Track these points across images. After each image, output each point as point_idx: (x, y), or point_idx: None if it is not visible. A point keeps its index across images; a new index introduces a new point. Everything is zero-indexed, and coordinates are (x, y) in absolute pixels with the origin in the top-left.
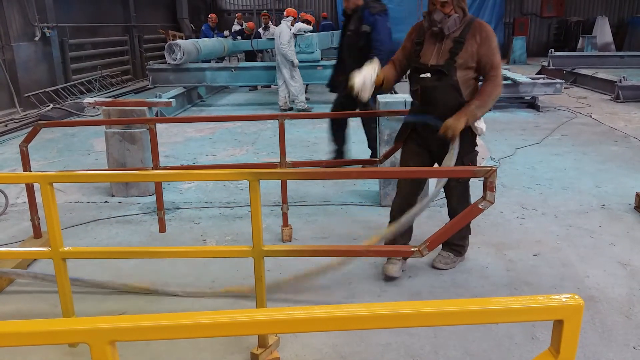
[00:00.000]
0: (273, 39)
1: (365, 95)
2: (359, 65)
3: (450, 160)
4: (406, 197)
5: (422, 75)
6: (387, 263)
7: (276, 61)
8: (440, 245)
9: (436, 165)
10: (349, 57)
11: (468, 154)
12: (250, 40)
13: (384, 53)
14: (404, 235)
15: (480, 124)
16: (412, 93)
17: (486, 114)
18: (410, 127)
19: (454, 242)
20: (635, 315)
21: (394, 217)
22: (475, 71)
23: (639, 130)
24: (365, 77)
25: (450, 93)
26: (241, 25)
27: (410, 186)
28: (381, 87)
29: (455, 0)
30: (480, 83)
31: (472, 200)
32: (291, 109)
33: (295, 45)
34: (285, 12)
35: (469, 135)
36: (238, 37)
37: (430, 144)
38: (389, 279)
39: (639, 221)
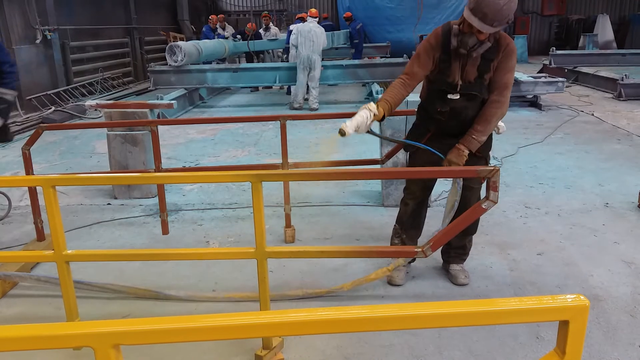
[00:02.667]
0: (274, 39)
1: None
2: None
3: (454, 196)
4: (421, 203)
5: (450, 97)
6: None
7: (306, 62)
8: (446, 261)
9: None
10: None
11: (488, 151)
12: (247, 42)
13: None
14: (413, 238)
15: (501, 123)
16: (438, 113)
17: None
18: (428, 132)
19: (462, 246)
20: None
21: (403, 225)
22: None
23: None
24: (359, 124)
25: (477, 110)
26: (223, 28)
27: (422, 190)
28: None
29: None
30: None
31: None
32: (316, 109)
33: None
34: (310, 13)
35: (490, 136)
36: (237, 36)
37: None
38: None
39: None
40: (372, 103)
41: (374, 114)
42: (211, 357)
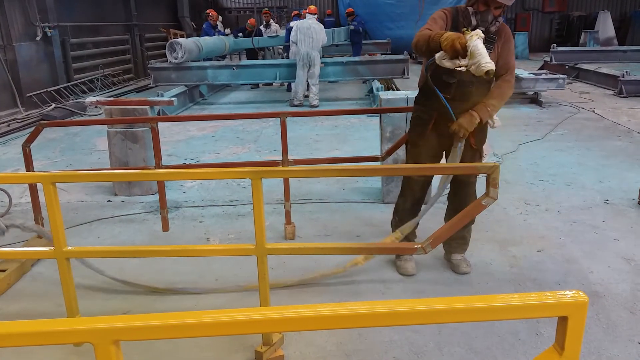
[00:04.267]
0: (275, 36)
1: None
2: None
3: (455, 158)
4: (420, 198)
5: (459, 68)
6: (400, 261)
7: (305, 59)
8: (448, 251)
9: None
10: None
11: (482, 145)
12: (251, 38)
13: None
14: (411, 233)
15: (496, 117)
16: (444, 85)
17: None
18: (432, 118)
19: (462, 237)
20: (639, 311)
21: (402, 220)
22: None
23: None
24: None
25: (482, 89)
26: (216, 27)
27: (423, 187)
28: None
29: (504, 6)
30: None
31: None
32: (316, 106)
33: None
34: (309, 9)
35: (485, 129)
36: (239, 34)
37: (444, 140)
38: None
39: None
40: (470, 30)
41: (482, 36)
42: (211, 353)
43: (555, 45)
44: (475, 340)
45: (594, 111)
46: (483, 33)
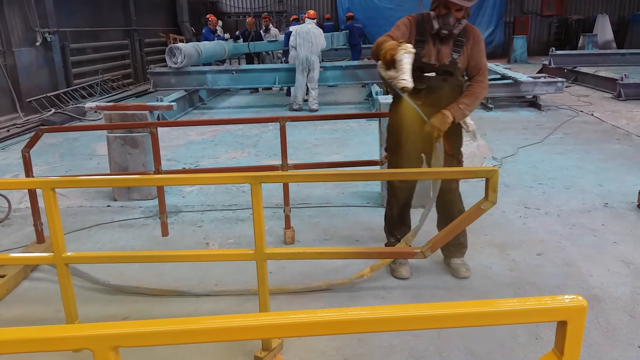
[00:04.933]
0: (274, 40)
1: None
2: None
3: (438, 161)
4: (406, 205)
5: (427, 75)
6: (395, 265)
7: (304, 64)
8: (446, 256)
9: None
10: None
11: (459, 149)
12: (247, 43)
13: None
14: (404, 234)
15: (469, 120)
16: (414, 91)
17: (487, 114)
18: (404, 124)
19: (459, 242)
20: (639, 314)
21: (393, 226)
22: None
23: None
24: (409, 69)
25: (453, 93)
26: (215, 31)
27: (407, 194)
28: None
29: (468, 8)
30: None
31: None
32: (316, 110)
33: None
34: (308, 14)
35: (459, 133)
36: (240, 39)
37: (420, 144)
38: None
39: None
40: (403, 43)
41: (411, 52)
42: (210, 358)
43: (553, 48)
44: (475, 345)
45: (592, 114)
46: (449, 40)
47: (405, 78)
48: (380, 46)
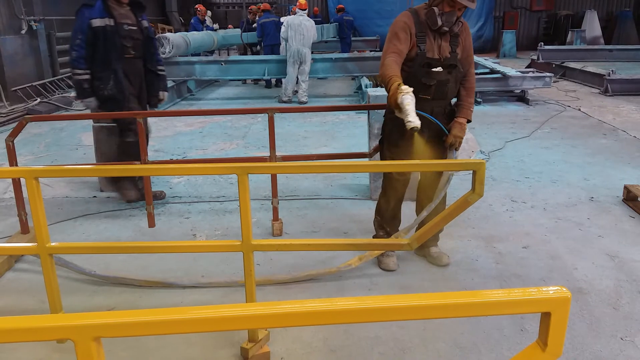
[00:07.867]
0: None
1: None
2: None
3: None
4: (400, 200)
5: (435, 70)
6: (383, 257)
7: (296, 56)
8: (422, 246)
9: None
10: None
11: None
12: (240, 34)
13: None
14: (395, 228)
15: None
16: (424, 87)
17: (476, 108)
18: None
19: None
20: (622, 307)
21: (385, 219)
22: None
23: (627, 123)
24: (413, 109)
25: (456, 85)
26: (204, 21)
27: (403, 190)
28: None
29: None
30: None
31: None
32: (305, 102)
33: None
34: (300, 5)
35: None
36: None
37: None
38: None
39: (627, 213)
40: (402, 85)
41: (409, 91)
42: (197, 349)
43: (542, 43)
44: (460, 336)
45: (580, 109)
46: (447, 34)
47: (411, 120)
48: (387, 85)
